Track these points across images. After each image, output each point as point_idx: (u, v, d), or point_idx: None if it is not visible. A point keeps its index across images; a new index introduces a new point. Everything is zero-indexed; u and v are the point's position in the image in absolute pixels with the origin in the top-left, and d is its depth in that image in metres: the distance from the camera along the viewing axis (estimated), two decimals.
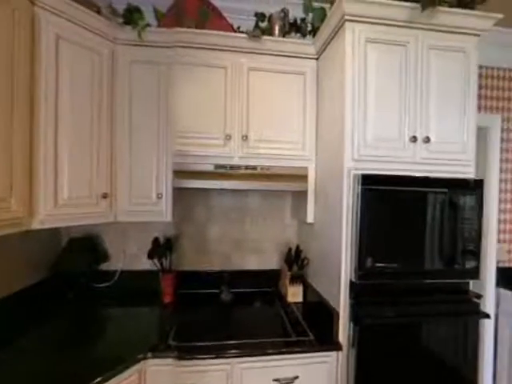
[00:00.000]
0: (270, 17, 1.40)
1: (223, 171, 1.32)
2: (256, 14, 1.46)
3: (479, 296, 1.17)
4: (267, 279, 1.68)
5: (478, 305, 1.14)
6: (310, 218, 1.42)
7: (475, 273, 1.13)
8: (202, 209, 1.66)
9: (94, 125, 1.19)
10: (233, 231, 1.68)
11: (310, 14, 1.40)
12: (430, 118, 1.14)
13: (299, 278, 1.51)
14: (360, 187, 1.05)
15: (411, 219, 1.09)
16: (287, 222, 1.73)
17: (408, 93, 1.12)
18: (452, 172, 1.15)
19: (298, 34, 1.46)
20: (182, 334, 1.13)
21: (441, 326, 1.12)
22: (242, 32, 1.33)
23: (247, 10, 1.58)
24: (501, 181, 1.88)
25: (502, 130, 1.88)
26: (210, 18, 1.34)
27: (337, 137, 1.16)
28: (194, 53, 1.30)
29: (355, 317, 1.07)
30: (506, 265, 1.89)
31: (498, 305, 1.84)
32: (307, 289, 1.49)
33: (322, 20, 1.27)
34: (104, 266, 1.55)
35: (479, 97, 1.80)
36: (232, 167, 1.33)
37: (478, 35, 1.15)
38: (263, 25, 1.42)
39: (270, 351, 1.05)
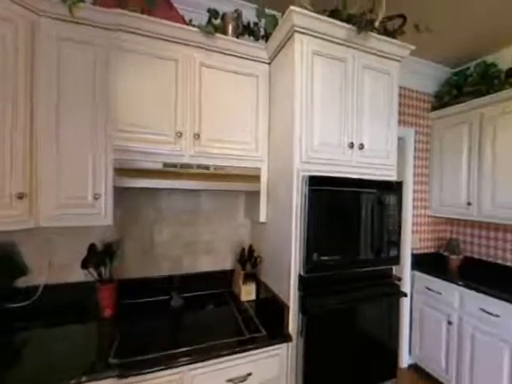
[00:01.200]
0: (224, 15, 1.39)
1: (173, 170, 1.25)
2: (209, 10, 1.43)
3: (399, 279, 1.40)
4: (221, 280, 1.66)
5: (399, 286, 1.37)
6: (262, 218, 1.46)
7: (397, 259, 1.35)
8: (149, 210, 1.53)
9: (6, 109, 0.97)
10: (184, 233, 1.61)
11: (263, 20, 1.44)
12: (364, 128, 1.31)
13: (252, 277, 1.54)
14: (307, 188, 1.13)
15: (348, 216, 1.24)
16: (241, 221, 1.75)
17: (347, 104, 1.26)
18: (380, 175, 1.35)
19: (252, 37, 1.49)
20: (125, 349, 1.02)
21: (372, 307, 1.30)
22: (194, 26, 1.29)
23: (200, 3, 1.53)
24: (414, 183, 2.30)
25: (415, 141, 2.30)
26: (158, 7, 1.25)
27: (287, 140, 1.23)
28: (139, 40, 1.19)
29: (303, 308, 1.15)
30: (418, 251, 2.32)
31: (412, 285, 2.24)
32: (260, 286, 1.53)
33: (274, 26, 1.32)
34: (21, 282, 1.29)
35: (399, 113, 2.16)
36: (183, 166, 1.27)
37: (399, 61, 1.38)
38: (216, 22, 1.40)
39: (222, 353, 1.04)
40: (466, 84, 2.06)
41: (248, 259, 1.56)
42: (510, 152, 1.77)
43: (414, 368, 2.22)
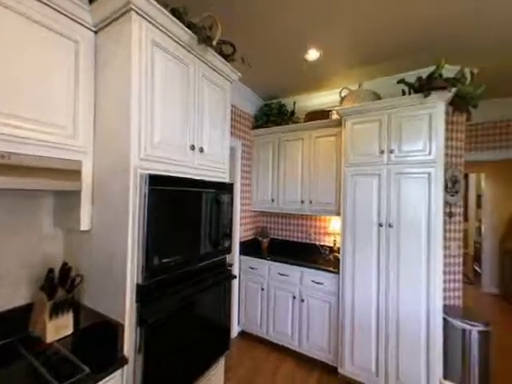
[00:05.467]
0: None
1: None
2: None
3: (231, 265, 1.67)
4: (7, 325, 1.10)
5: (231, 271, 1.63)
6: (84, 225, 1.15)
7: (229, 249, 1.60)
8: None
9: None
10: None
11: None
12: (204, 133, 1.42)
13: (68, 305, 1.16)
14: (147, 187, 1.04)
15: (190, 215, 1.29)
16: (46, 233, 1.26)
17: (188, 107, 1.31)
18: (217, 177, 1.54)
19: None
20: None
21: (210, 295, 1.44)
22: None
23: None
24: (241, 184, 2.84)
25: (242, 151, 2.85)
26: None
27: (122, 132, 1.06)
28: None
29: (141, 319, 1.05)
30: (243, 239, 2.90)
31: (240, 267, 2.76)
32: (80, 313, 1.19)
33: None
34: None
35: (230, 125, 2.58)
36: None
37: (231, 82, 1.64)
38: None
39: None
40: (271, 114, 2.87)
41: (60, 282, 1.16)
42: (292, 166, 2.70)
43: (242, 334, 2.76)
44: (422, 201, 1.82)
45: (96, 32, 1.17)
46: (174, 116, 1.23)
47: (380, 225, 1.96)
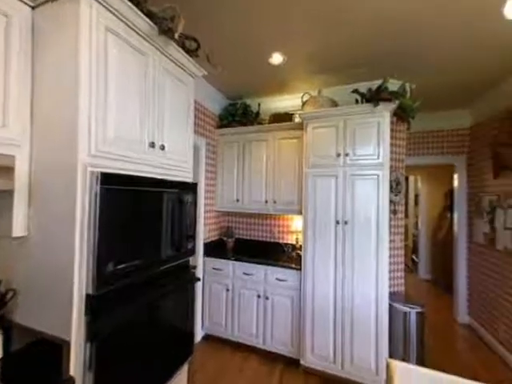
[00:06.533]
0: None
1: None
2: None
3: (195, 267, 1.62)
4: None
5: (194, 273, 1.58)
6: (18, 230, 0.99)
7: (193, 250, 1.55)
8: None
9: None
10: None
11: None
12: (165, 130, 1.35)
13: None
14: (99, 186, 0.95)
15: (150, 217, 1.22)
16: None
17: (148, 102, 1.23)
18: (180, 176, 1.48)
19: None
20: None
21: (172, 300, 1.38)
22: None
23: None
24: (205, 184, 2.78)
25: (206, 150, 2.79)
26: None
27: (68, 124, 0.94)
28: None
29: (92, 334, 0.95)
30: (207, 240, 2.83)
31: (204, 268, 2.69)
32: (12, 334, 1.02)
33: None
34: None
35: (194, 123, 2.50)
36: None
37: (194, 78, 1.59)
38: None
39: None
40: (237, 114, 2.87)
41: None
42: (257, 167, 2.73)
43: (206, 338, 2.69)
44: (372, 200, 2.03)
45: (33, 8, 1.02)
46: (133, 110, 1.14)
47: (337, 222, 2.12)
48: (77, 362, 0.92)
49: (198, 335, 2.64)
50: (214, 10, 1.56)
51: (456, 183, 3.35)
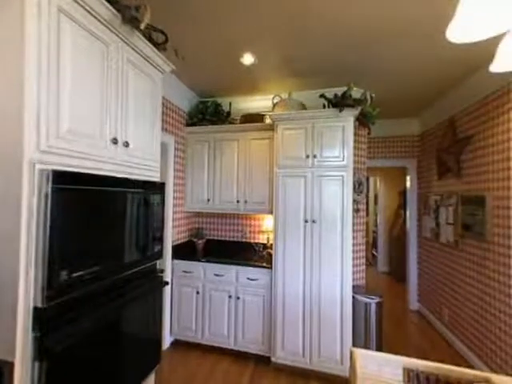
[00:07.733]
0: None
1: None
2: None
3: (162, 270, 1.54)
4: None
5: (162, 277, 1.51)
6: None
7: (160, 253, 1.48)
8: None
9: None
10: None
11: None
12: (129, 125, 1.26)
13: None
14: (50, 186, 0.85)
15: (112, 219, 1.13)
16: None
17: (109, 95, 1.14)
18: (146, 175, 1.39)
19: None
20: None
21: (138, 307, 1.29)
22: None
23: None
24: (174, 184, 2.66)
25: (175, 148, 2.67)
26: None
27: (10, 114, 0.83)
28: None
29: (41, 351, 0.84)
30: (176, 242, 2.72)
31: (173, 272, 2.58)
32: None
33: None
34: None
35: (162, 120, 2.38)
36: None
37: (162, 72, 1.52)
38: None
39: None
40: (207, 113, 2.80)
41: None
42: (228, 166, 2.71)
43: (175, 343, 2.58)
44: (337, 199, 2.15)
45: None
46: (92, 102, 1.04)
47: (306, 221, 2.20)
48: None
49: (167, 342, 2.53)
50: (186, 4, 1.50)
51: (408, 184, 3.73)
